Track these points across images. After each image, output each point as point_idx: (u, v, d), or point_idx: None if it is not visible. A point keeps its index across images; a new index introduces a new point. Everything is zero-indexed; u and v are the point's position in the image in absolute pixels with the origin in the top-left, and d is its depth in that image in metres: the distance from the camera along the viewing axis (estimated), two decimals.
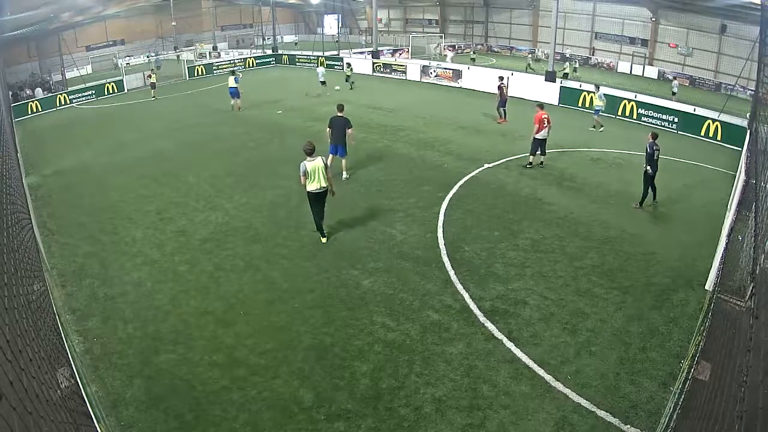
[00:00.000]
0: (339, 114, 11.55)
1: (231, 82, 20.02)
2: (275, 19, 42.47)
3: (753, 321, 2.76)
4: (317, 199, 8.63)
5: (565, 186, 11.58)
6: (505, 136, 15.82)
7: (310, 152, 8.27)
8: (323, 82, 23.79)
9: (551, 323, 6.68)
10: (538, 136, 12.50)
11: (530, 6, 43.73)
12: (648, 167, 9.83)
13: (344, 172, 11.95)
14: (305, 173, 8.33)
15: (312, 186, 8.44)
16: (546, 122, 12.47)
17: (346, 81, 25.53)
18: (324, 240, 9.01)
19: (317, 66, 27.43)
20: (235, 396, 5.54)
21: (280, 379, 5.78)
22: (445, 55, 36.89)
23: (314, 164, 8.33)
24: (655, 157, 9.74)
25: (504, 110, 17.83)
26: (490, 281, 7.69)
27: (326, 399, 5.47)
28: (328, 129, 11.57)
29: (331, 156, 11.58)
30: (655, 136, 9.90)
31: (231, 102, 20.33)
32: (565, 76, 28.27)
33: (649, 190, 10.14)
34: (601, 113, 16.83)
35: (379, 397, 5.49)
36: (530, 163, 12.80)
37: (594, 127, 16.67)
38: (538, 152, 12.67)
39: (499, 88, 18.10)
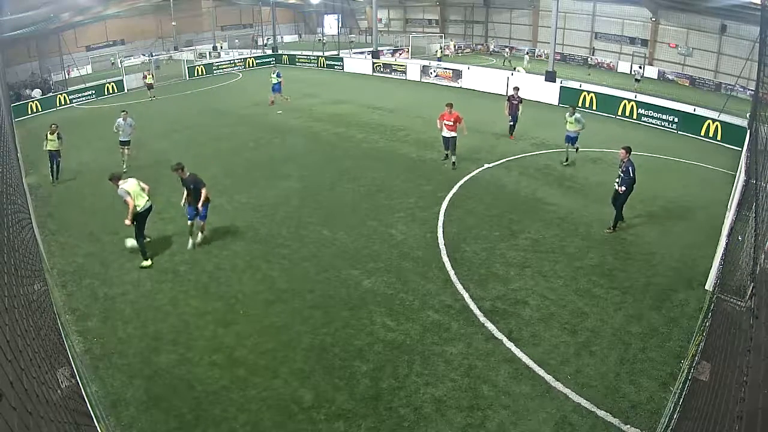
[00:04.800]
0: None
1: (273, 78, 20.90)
2: (275, 19, 42.46)
3: (753, 321, 2.77)
4: (145, 217, 8.35)
5: (565, 186, 11.58)
6: (505, 136, 15.81)
7: (118, 178, 8.25)
8: (125, 143, 13.49)
9: (551, 323, 6.68)
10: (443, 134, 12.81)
11: (530, 6, 43.69)
12: (623, 187, 8.70)
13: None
14: (129, 194, 7.98)
15: (140, 202, 8.15)
16: (443, 119, 12.59)
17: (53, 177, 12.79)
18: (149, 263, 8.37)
19: (121, 116, 13.40)
20: (235, 396, 5.54)
21: (280, 379, 5.78)
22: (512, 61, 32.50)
23: (131, 184, 8.20)
24: (632, 174, 8.60)
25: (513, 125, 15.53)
26: (490, 281, 7.69)
27: (326, 399, 5.47)
28: (204, 190, 8.58)
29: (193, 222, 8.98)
30: (629, 151, 8.67)
31: (272, 97, 21.04)
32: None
33: (616, 209, 9.17)
34: (576, 144, 12.85)
35: (379, 397, 5.49)
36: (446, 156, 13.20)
37: (567, 160, 13.01)
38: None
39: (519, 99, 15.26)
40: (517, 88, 15.37)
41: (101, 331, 6.73)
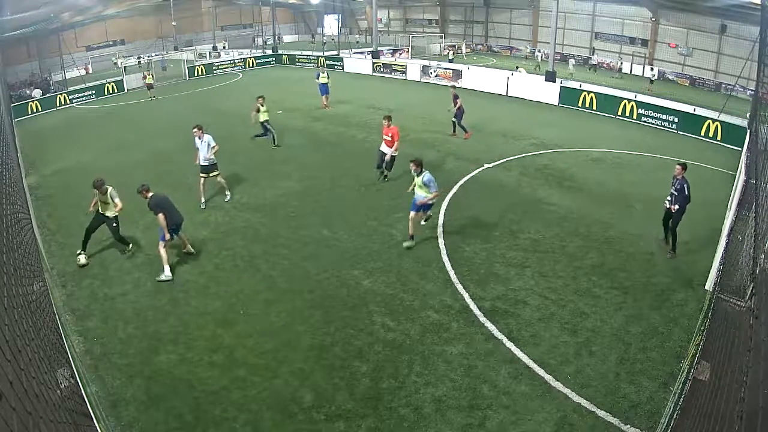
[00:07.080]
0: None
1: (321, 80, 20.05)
2: (275, 19, 42.47)
3: (753, 321, 2.77)
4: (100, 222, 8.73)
5: (565, 186, 11.57)
6: (505, 136, 15.81)
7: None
8: (208, 168, 10.56)
9: (551, 323, 6.68)
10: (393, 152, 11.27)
11: (530, 6, 43.70)
12: (675, 205, 8.20)
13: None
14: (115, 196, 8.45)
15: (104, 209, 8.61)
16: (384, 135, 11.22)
17: None
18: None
19: (194, 133, 10.26)
20: (235, 396, 5.54)
21: (280, 379, 5.78)
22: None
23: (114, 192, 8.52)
24: (686, 192, 8.10)
25: (457, 122, 15.31)
26: (490, 281, 7.69)
27: (326, 399, 5.47)
28: (162, 215, 7.88)
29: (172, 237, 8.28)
30: (685, 167, 8.24)
31: (323, 100, 20.22)
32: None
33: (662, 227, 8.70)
34: (429, 211, 8.89)
35: (379, 397, 5.49)
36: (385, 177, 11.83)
37: (410, 241, 8.70)
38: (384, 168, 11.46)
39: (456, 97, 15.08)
40: (454, 86, 15.99)
41: (101, 331, 6.72)
